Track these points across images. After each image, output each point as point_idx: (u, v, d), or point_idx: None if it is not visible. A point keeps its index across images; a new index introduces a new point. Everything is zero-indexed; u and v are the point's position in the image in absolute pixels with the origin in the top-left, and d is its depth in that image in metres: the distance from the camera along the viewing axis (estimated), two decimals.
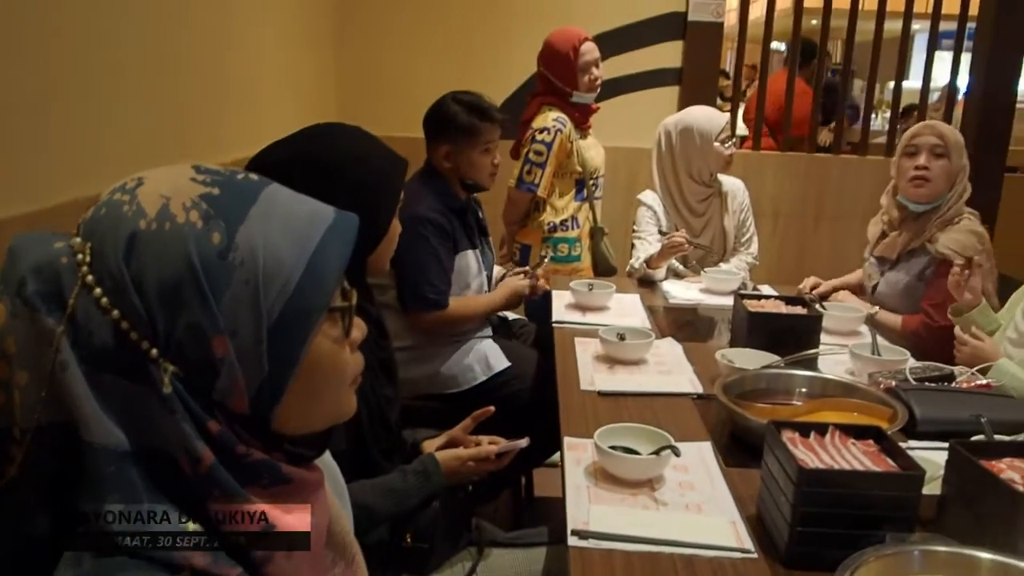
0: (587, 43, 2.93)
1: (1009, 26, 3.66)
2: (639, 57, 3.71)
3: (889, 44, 4.04)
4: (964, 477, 1.27)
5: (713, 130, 2.79)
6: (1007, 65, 3.70)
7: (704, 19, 3.59)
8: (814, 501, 1.19)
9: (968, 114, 3.86)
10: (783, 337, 1.99)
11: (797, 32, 3.94)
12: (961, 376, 1.88)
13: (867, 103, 4.08)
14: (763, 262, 3.19)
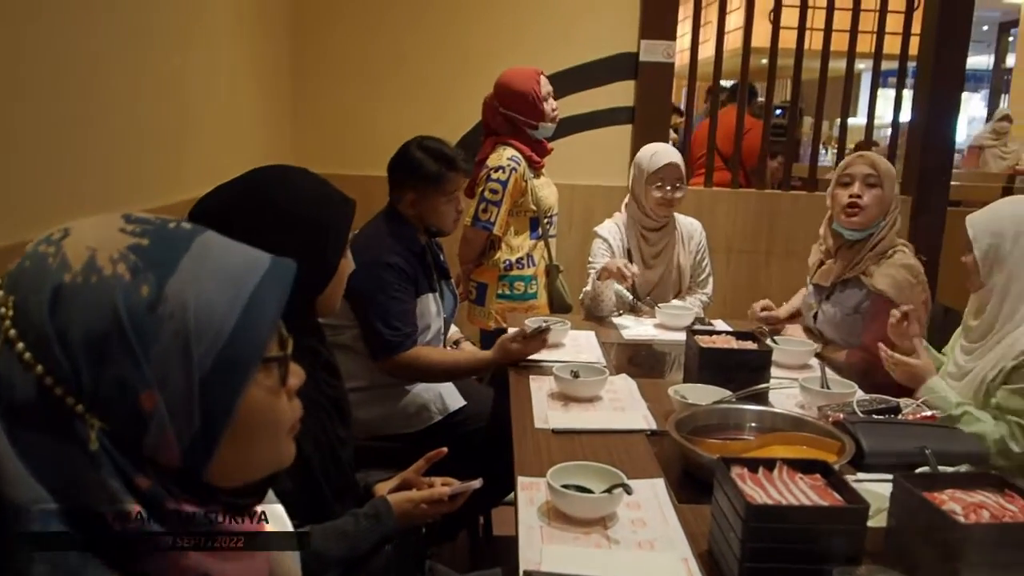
0: (542, 76, 2.99)
1: (947, 65, 3.80)
2: (593, 96, 3.77)
3: (837, 82, 4.16)
4: (908, 509, 1.29)
5: (648, 170, 2.83)
6: (946, 102, 3.83)
7: (655, 59, 3.66)
8: (762, 537, 1.21)
9: (911, 149, 3.98)
10: (734, 372, 2.01)
11: (745, 71, 4.04)
12: (907, 408, 1.91)
13: (815, 139, 4.18)
14: (716, 297, 3.23)
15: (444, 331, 2.49)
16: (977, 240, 2.01)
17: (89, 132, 1.99)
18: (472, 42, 3.76)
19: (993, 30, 13.21)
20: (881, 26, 4.03)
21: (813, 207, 3.87)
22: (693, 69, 3.97)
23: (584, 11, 3.74)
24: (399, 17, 3.77)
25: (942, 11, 3.84)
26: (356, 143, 3.76)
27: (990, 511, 1.25)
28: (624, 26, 3.71)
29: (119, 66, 2.12)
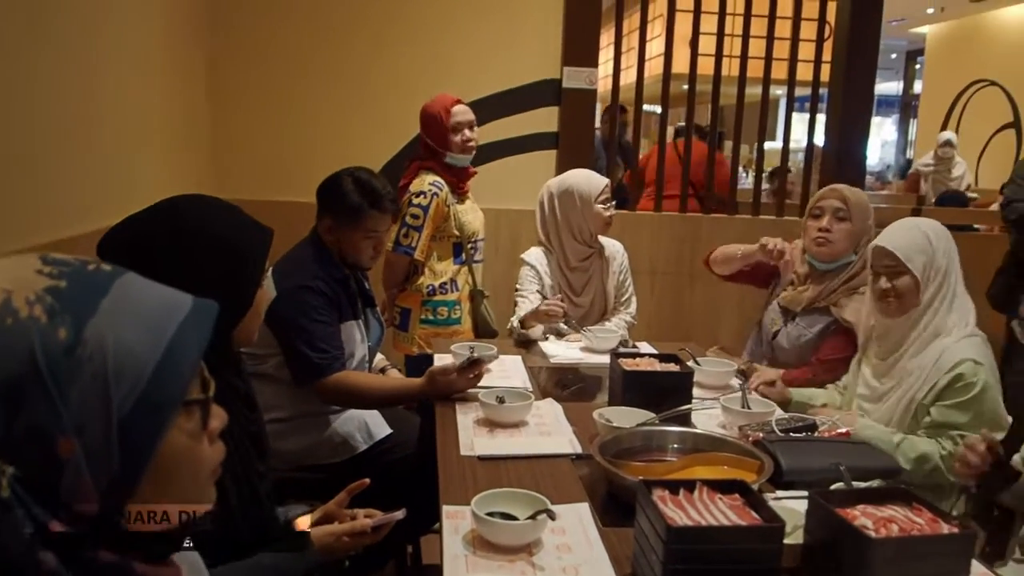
0: (459, 106, 2.99)
1: (856, 91, 3.96)
2: (517, 122, 3.81)
3: (757, 107, 4.29)
4: (822, 525, 1.33)
5: (592, 192, 2.88)
6: (856, 126, 3.99)
7: (578, 86, 3.73)
8: (683, 558, 1.22)
9: (825, 172, 4.12)
10: (658, 394, 2.04)
11: (666, 97, 4.14)
12: (823, 425, 1.97)
13: (734, 163, 4.30)
14: (641, 319, 3.28)
15: (369, 359, 2.47)
16: (912, 261, 2.05)
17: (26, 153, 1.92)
18: (400, 68, 3.76)
19: (901, 58, 13.82)
20: (794, 54, 4.18)
21: (733, 229, 3.97)
22: (615, 95, 4.05)
23: (509, 39, 3.79)
24: (327, 42, 3.75)
25: (851, 40, 4.00)
26: (281, 169, 3.72)
27: (899, 524, 1.29)
28: (547, 53, 3.77)
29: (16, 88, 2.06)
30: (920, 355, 2.06)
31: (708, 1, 4.08)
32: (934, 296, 2.07)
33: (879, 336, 2.19)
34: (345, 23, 3.74)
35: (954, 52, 9.90)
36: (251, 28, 3.71)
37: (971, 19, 9.45)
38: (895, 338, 2.12)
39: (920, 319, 2.08)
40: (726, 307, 3.82)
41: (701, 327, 3.00)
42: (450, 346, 2.57)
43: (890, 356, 2.14)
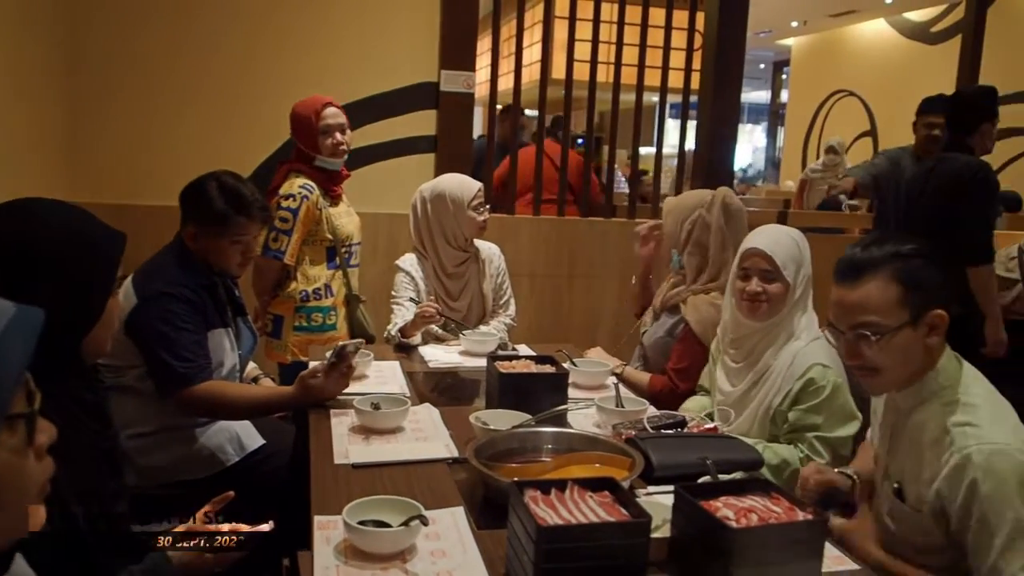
0: (330, 108, 2.94)
1: (724, 100, 4.11)
2: (395, 125, 3.77)
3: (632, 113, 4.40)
4: (687, 518, 1.37)
5: (465, 197, 2.87)
6: (724, 133, 4.14)
7: (455, 89, 3.73)
8: (553, 557, 1.23)
9: (696, 176, 4.27)
10: (534, 396, 2.05)
11: (543, 102, 4.19)
12: (692, 421, 2.03)
13: (609, 168, 4.39)
14: (522, 322, 3.31)
15: (240, 369, 2.39)
16: (787, 268, 2.11)
17: None
18: (274, 69, 3.66)
19: (769, 68, 14.48)
20: (666, 62, 4.31)
21: (610, 232, 4.06)
22: (493, 99, 4.07)
23: (386, 41, 3.75)
24: (197, 42, 3.61)
25: (718, 51, 4.16)
26: (146, 173, 3.55)
27: (758, 514, 1.34)
28: (424, 56, 3.75)
29: None
30: (776, 358, 2.13)
31: (583, 8, 4.16)
32: (796, 302, 2.14)
33: (735, 339, 2.23)
34: (216, 23, 3.61)
35: (817, 64, 10.45)
36: (114, 28, 3.52)
37: (832, 33, 10.00)
38: (752, 341, 2.18)
39: (780, 323, 2.14)
40: (605, 308, 3.90)
41: (580, 328, 3.05)
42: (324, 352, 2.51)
43: (746, 359, 2.20)
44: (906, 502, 1.59)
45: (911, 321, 1.52)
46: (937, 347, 1.56)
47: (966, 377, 1.56)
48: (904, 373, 1.59)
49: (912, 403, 1.59)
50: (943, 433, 1.49)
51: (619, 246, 3.96)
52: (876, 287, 1.54)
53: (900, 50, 8.64)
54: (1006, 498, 1.39)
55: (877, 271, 1.55)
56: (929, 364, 1.56)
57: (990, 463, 1.41)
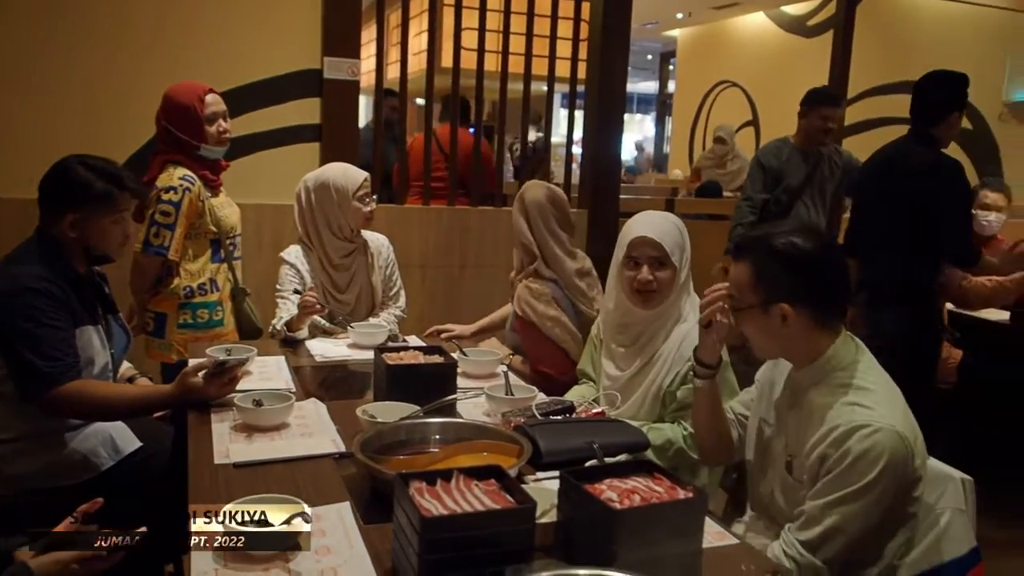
0: (211, 94, 2.83)
1: (610, 90, 4.17)
2: (277, 113, 3.66)
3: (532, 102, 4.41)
4: (572, 502, 1.38)
5: (350, 187, 2.81)
6: (611, 123, 4.20)
7: (339, 77, 3.65)
8: (438, 548, 1.22)
9: (585, 165, 4.32)
10: (422, 387, 2.03)
11: (430, 91, 4.16)
12: (580, 407, 2.05)
13: (499, 157, 4.39)
14: (413, 312, 3.27)
15: (114, 369, 2.27)
16: (674, 254, 2.15)
17: None
18: (146, 56, 3.48)
19: (656, 59, 14.81)
20: (553, 51, 4.33)
21: (501, 221, 4.07)
22: (379, 88, 4.01)
23: (265, 26, 3.63)
24: (65, 28, 3.39)
25: (604, 40, 4.21)
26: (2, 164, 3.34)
27: (641, 495, 1.36)
28: (306, 43, 3.64)
29: None
30: (665, 341, 2.18)
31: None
32: (682, 285, 2.20)
33: (622, 324, 2.26)
34: (84, 7, 3.41)
35: (701, 55, 10.74)
36: None
37: (715, 25, 10.29)
38: (641, 327, 2.22)
39: (668, 307, 2.19)
40: (497, 297, 3.89)
41: (473, 319, 3.03)
42: (206, 350, 2.42)
43: (634, 344, 2.24)
44: (793, 475, 1.65)
45: (760, 306, 1.63)
46: (809, 335, 1.63)
47: (863, 364, 1.63)
48: (774, 348, 1.71)
49: (809, 382, 1.66)
50: (833, 410, 1.56)
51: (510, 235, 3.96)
52: (742, 267, 1.66)
53: (779, 43, 8.97)
54: (869, 468, 1.47)
55: (744, 253, 1.67)
56: (815, 349, 1.64)
57: (872, 436, 1.48)
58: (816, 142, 4.05)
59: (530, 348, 2.61)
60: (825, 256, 1.64)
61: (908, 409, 1.60)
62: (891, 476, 1.48)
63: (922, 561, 1.61)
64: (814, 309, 1.61)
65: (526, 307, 2.61)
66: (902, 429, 1.51)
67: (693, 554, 1.34)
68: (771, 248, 1.62)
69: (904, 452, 1.50)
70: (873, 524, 1.51)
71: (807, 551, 1.51)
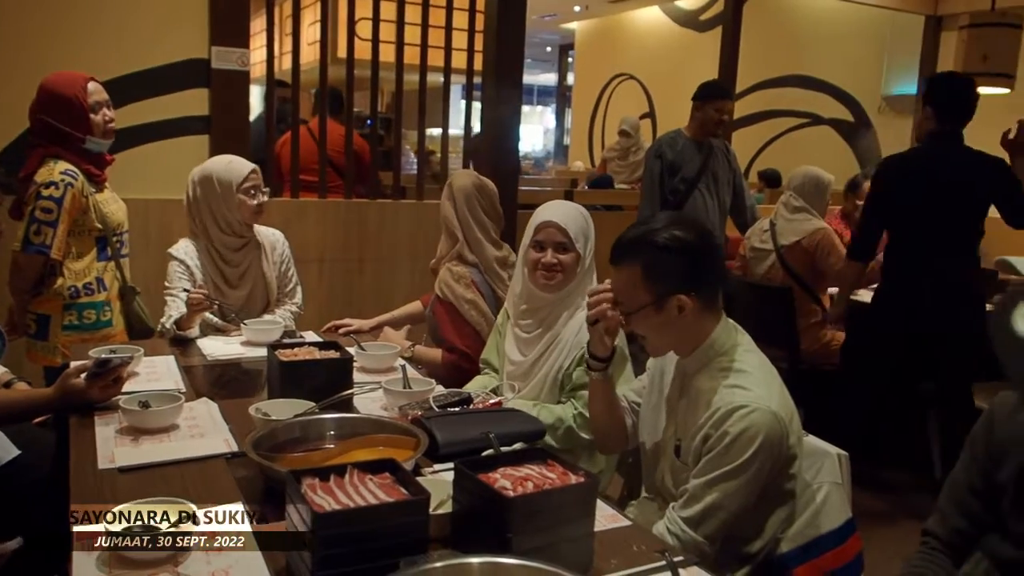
0: (93, 83, 2.71)
1: (506, 81, 4.19)
2: (163, 104, 3.52)
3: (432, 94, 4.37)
4: (467, 492, 1.39)
5: (234, 180, 2.72)
6: (508, 114, 4.22)
7: (228, 67, 3.54)
8: (331, 543, 1.21)
9: (482, 157, 4.33)
10: (317, 383, 2.00)
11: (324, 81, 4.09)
12: (477, 398, 2.06)
13: (396, 149, 4.36)
14: (312, 308, 3.22)
15: None
16: (578, 240, 2.20)
17: None
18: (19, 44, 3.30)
19: (556, 51, 14.95)
20: (448, 42, 4.32)
21: (400, 213, 4.05)
22: (271, 79, 3.91)
23: (148, 13, 3.48)
24: None
25: (499, 32, 4.22)
26: None
27: (534, 482, 1.39)
28: (193, 31, 3.51)
29: None
30: (566, 326, 2.22)
31: None
32: (586, 271, 2.25)
33: (528, 309, 2.30)
34: None
35: (599, 48, 10.91)
36: None
37: (612, 18, 10.47)
38: (545, 311, 2.26)
39: (571, 292, 2.24)
40: (398, 291, 3.87)
41: (373, 313, 3.00)
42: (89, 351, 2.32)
43: (538, 328, 2.28)
44: (680, 458, 1.71)
45: (654, 303, 1.67)
46: (699, 321, 1.69)
47: (741, 348, 1.70)
48: (670, 342, 1.75)
49: (694, 368, 1.72)
50: (715, 393, 1.63)
51: (409, 227, 3.95)
52: (625, 271, 1.70)
53: (673, 36, 9.19)
54: (746, 447, 1.54)
55: (627, 256, 1.70)
56: (702, 335, 1.70)
57: (748, 416, 1.55)
58: (709, 133, 4.18)
59: (446, 330, 2.61)
60: (705, 242, 1.70)
61: (784, 389, 1.68)
62: (767, 454, 1.55)
63: (801, 535, 1.69)
64: (703, 295, 1.67)
65: (446, 288, 2.64)
66: (777, 409, 1.58)
67: (586, 537, 1.37)
68: (656, 244, 1.66)
69: (779, 431, 1.57)
70: (751, 501, 1.58)
71: (689, 527, 1.57)
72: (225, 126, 3.55)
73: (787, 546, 1.69)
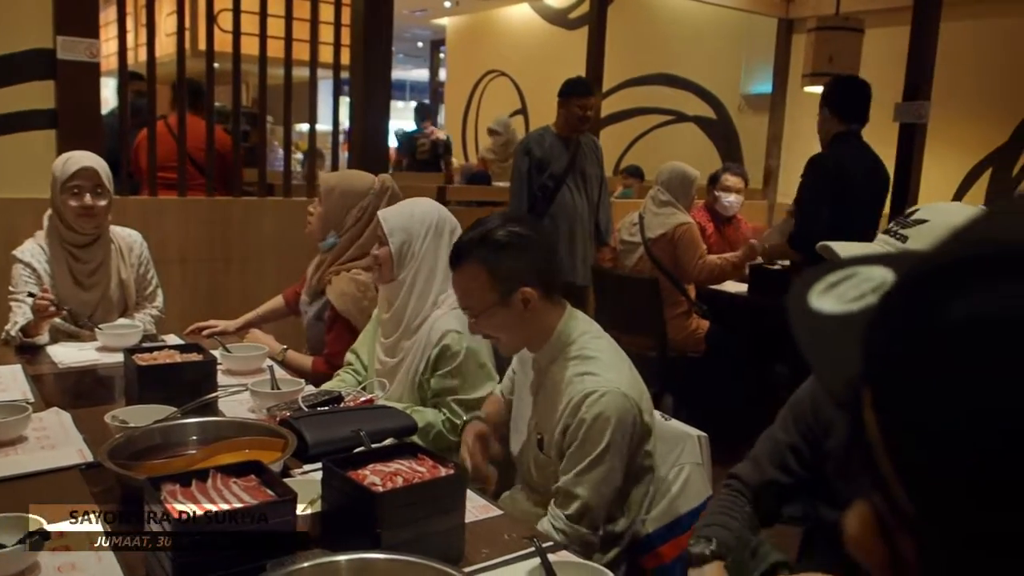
0: None
1: (374, 76, 4.14)
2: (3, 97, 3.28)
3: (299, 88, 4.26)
4: (336, 490, 1.38)
5: (60, 178, 2.54)
6: (377, 109, 4.17)
7: (76, 58, 3.33)
8: (191, 549, 1.18)
9: (353, 153, 4.27)
10: (179, 387, 1.94)
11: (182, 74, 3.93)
12: (348, 396, 2.04)
13: (261, 145, 4.24)
14: (175, 310, 3.10)
15: None
16: (393, 235, 2.20)
17: None
18: None
19: (427, 47, 14.87)
20: (314, 36, 4.23)
21: (266, 211, 3.94)
22: (123, 71, 3.71)
23: None
24: None
25: (367, 26, 4.15)
26: None
27: (403, 476, 1.39)
28: (35, 19, 3.29)
29: None
30: (417, 332, 2.21)
31: None
32: (416, 275, 2.21)
33: (386, 318, 2.29)
34: None
35: (471, 44, 10.93)
36: None
37: (483, 14, 10.50)
38: (397, 317, 2.24)
39: (409, 300, 2.21)
40: (265, 291, 3.76)
41: (240, 313, 2.91)
42: None
43: (393, 335, 2.27)
44: (544, 451, 1.74)
45: (500, 301, 1.71)
46: (545, 314, 1.74)
47: (589, 335, 1.75)
48: (520, 337, 1.79)
49: (547, 361, 1.76)
50: (568, 383, 1.67)
51: (277, 226, 3.86)
52: (467, 272, 1.74)
53: (543, 34, 9.31)
54: (602, 431, 1.60)
55: (468, 258, 1.74)
56: (548, 327, 1.75)
57: (599, 400, 1.61)
58: (574, 129, 4.26)
59: (334, 341, 2.53)
60: (540, 237, 1.78)
61: (634, 370, 1.75)
62: (622, 433, 1.62)
63: (666, 514, 1.76)
64: (545, 286, 1.73)
65: (349, 302, 2.53)
66: (626, 389, 1.64)
67: (456, 528, 1.39)
68: (496, 242, 1.71)
69: (630, 408, 1.63)
70: (620, 481, 1.64)
71: (572, 523, 1.61)
72: (74, 121, 3.34)
73: (652, 526, 1.75)
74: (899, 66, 4.56)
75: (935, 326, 0.39)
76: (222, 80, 4.46)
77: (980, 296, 0.37)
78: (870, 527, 0.44)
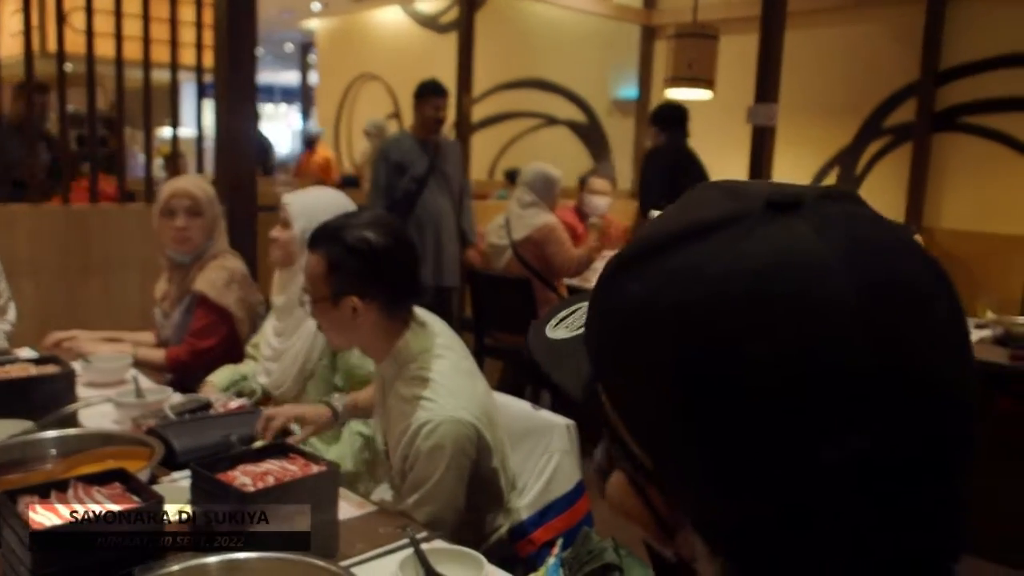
0: None
1: (239, 79, 4.04)
2: None
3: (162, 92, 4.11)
4: (205, 494, 1.37)
5: None
6: (243, 114, 4.07)
7: None
8: (53, 561, 1.15)
9: (219, 159, 4.15)
10: (34, 401, 1.86)
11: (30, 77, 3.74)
12: (218, 402, 2.01)
13: (119, 150, 4.09)
14: (30, 324, 2.94)
15: None
16: (297, 219, 2.21)
17: None
18: None
19: (297, 50, 14.59)
20: (174, 36, 4.10)
21: (127, 219, 3.79)
22: None
23: None
24: None
25: (230, 27, 4.05)
26: None
27: (275, 475, 1.39)
28: None
29: None
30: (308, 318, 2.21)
31: None
32: None
33: (279, 303, 2.32)
34: None
35: (342, 47, 10.80)
36: None
37: (354, 17, 10.40)
38: (291, 303, 2.23)
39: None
40: (128, 302, 3.62)
41: (102, 320, 2.80)
42: None
43: (285, 319, 2.27)
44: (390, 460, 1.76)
45: (330, 298, 1.67)
46: (380, 328, 1.68)
47: (432, 353, 1.68)
48: (346, 340, 1.78)
49: (391, 375, 1.71)
50: (407, 404, 1.63)
51: (138, 234, 3.71)
52: (315, 258, 1.69)
53: (416, 37, 9.31)
54: (437, 462, 1.57)
55: (320, 245, 1.70)
56: (387, 343, 1.69)
57: (435, 432, 1.57)
58: (431, 131, 4.32)
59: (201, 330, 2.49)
60: (395, 250, 1.69)
61: (475, 388, 1.70)
62: (458, 459, 1.58)
63: (538, 501, 1.82)
64: (383, 302, 1.66)
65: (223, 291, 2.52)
66: (462, 414, 1.59)
67: (329, 524, 1.40)
68: (344, 242, 1.65)
69: (466, 432, 1.59)
70: (463, 499, 1.62)
71: None
72: None
73: (526, 513, 1.81)
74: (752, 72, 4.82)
75: (616, 306, 0.50)
76: (76, 82, 4.25)
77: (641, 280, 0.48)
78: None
